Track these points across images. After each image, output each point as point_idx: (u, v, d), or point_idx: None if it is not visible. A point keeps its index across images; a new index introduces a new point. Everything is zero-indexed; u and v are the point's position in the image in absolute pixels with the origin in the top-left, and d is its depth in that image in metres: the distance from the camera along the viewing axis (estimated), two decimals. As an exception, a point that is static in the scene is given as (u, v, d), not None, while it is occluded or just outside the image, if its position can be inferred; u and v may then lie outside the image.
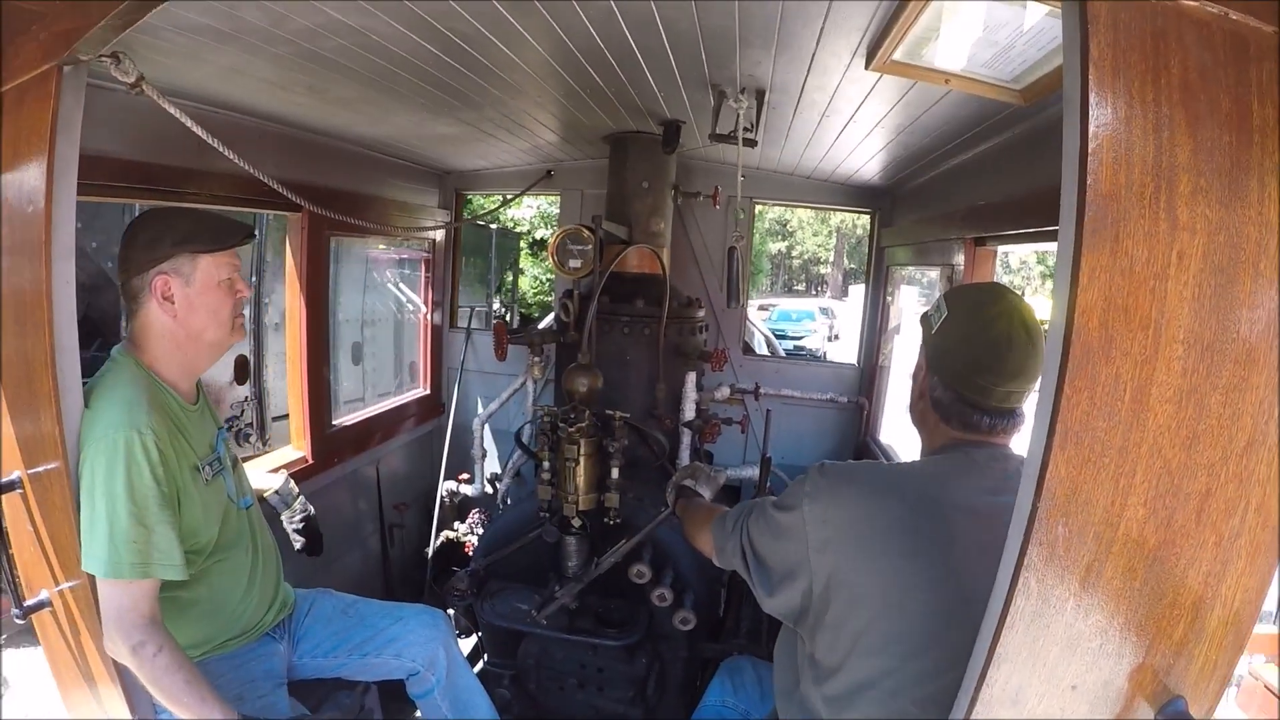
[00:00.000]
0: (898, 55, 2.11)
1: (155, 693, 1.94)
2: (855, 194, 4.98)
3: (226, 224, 2.23)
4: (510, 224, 15.49)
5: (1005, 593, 1.16)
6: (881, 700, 1.66)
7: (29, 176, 1.80)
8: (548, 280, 16.38)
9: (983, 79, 2.18)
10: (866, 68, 2.26)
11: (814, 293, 49.42)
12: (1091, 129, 1.02)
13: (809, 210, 42.92)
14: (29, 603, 2.04)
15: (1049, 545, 1.12)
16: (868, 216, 5.16)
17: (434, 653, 2.75)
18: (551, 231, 15.68)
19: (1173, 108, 1.03)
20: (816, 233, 47.48)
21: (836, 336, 27.70)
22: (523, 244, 16.83)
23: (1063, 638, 1.17)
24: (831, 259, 47.71)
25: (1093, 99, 1.01)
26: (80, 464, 1.90)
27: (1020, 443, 1.58)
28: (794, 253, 49.68)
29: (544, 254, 16.24)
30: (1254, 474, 1.13)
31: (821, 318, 28.46)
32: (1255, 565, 1.18)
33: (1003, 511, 1.52)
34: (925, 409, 1.89)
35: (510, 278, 15.30)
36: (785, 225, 46.41)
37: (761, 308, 29.05)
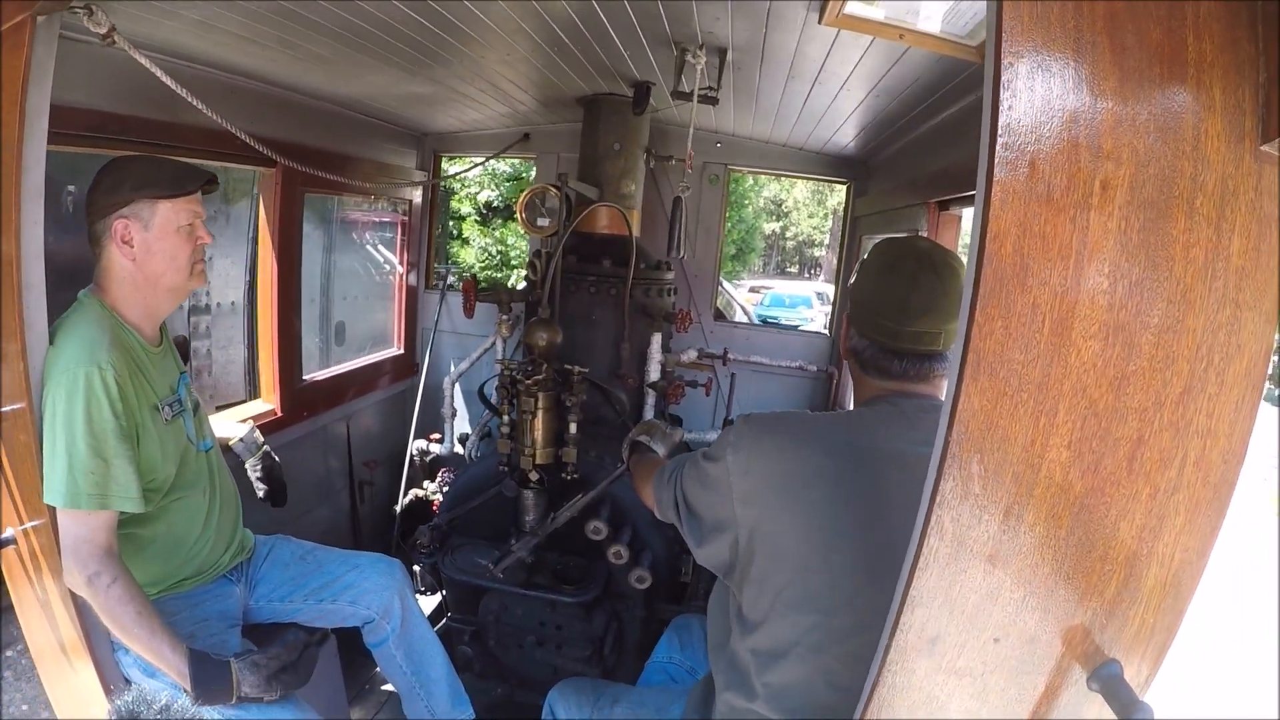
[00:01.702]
0: (849, 9, 2.09)
1: (108, 623, 1.98)
2: (831, 164, 4.96)
3: (187, 170, 2.24)
4: (451, 182, 13.19)
5: (920, 531, 1.12)
6: (804, 656, 1.63)
7: (2, 123, 1.82)
8: (499, 252, 15.20)
9: (937, 34, 2.16)
10: (820, 22, 2.23)
11: (807, 275, 49.20)
12: (1005, 57, 0.98)
13: (805, 191, 42.86)
14: None
15: (963, 482, 1.08)
16: (844, 188, 5.15)
17: (389, 601, 2.76)
18: (500, 194, 14.96)
19: (1096, 34, 0.99)
20: (812, 214, 47.19)
21: (836, 323, 26.19)
22: (462, 206, 15.00)
23: (982, 585, 1.13)
24: (827, 241, 47.41)
25: (1007, 23, 0.98)
26: (43, 399, 1.95)
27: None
28: (788, 234, 49.40)
29: (496, 221, 15.44)
30: (1191, 424, 1.09)
31: (819, 304, 26.22)
32: (1195, 524, 1.14)
33: (923, 456, 1.53)
34: (851, 364, 1.88)
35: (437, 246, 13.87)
36: (780, 205, 46.16)
37: (753, 289, 28.47)
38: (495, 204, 15.53)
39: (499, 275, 14.84)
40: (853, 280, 1.88)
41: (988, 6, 1.03)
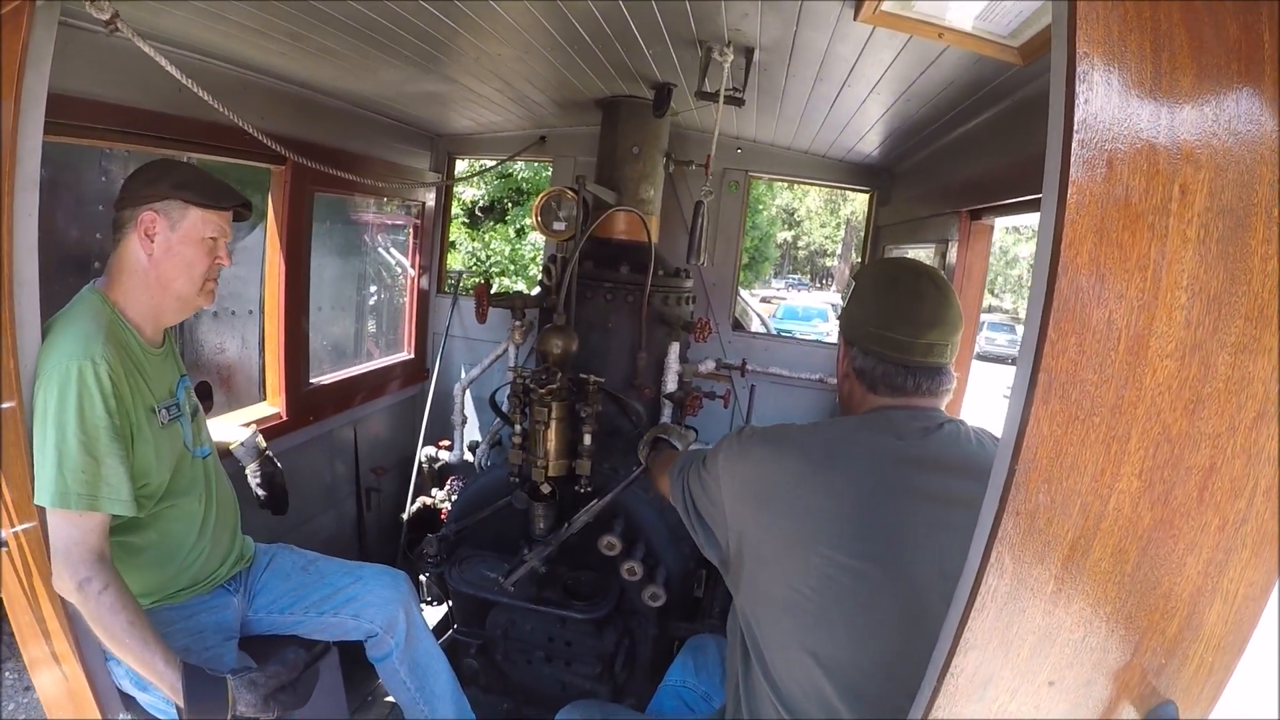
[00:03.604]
0: (886, 5, 2.01)
1: (98, 632, 1.93)
2: (854, 172, 4.87)
3: (225, 187, 2.26)
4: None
5: (975, 570, 1.04)
6: (802, 661, 1.64)
7: None
8: (489, 257, 14.77)
9: (977, 33, 2.08)
10: (855, 19, 2.16)
11: (818, 285, 49.10)
12: (1080, 46, 0.91)
13: (818, 200, 42.80)
14: None
15: (1028, 516, 1.00)
16: (866, 197, 5.06)
17: (393, 615, 2.70)
18: (486, 193, 14.57)
19: (1173, 25, 0.92)
20: (824, 224, 47.02)
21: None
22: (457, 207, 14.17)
23: (1040, 626, 1.06)
24: (839, 251, 47.24)
25: (1081, 10, 0.91)
26: (34, 394, 1.90)
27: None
28: (800, 243, 49.23)
29: (488, 223, 15.18)
30: (1263, 450, 1.01)
31: (835, 316, 26.59)
32: (1261, 556, 1.07)
33: (906, 454, 1.67)
34: (851, 385, 1.90)
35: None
36: (793, 214, 46.02)
37: (765, 300, 28.30)
38: (484, 203, 15.32)
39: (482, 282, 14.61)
40: (848, 302, 1.91)
41: None
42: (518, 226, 15.02)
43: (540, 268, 4.13)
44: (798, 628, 1.65)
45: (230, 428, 2.99)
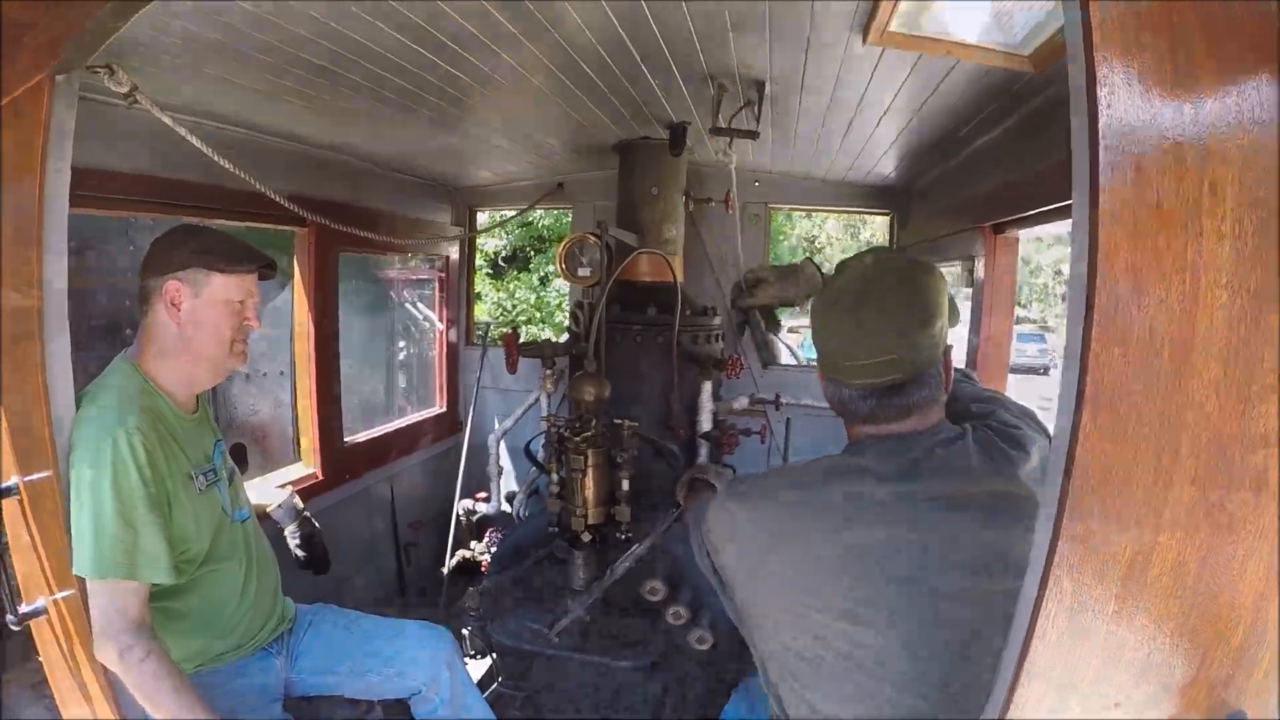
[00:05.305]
0: (894, 26, 2.00)
1: (142, 700, 1.91)
2: (873, 195, 4.85)
3: (247, 250, 2.26)
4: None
5: (1034, 597, 1.00)
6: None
7: (23, 184, 1.82)
8: (515, 306, 14.89)
9: (987, 45, 2.06)
10: (864, 43, 2.15)
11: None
12: (1098, 51, 0.89)
13: (837, 225, 42.72)
14: (25, 610, 1.99)
15: (1084, 538, 0.97)
16: (886, 220, 5.04)
17: (437, 671, 2.66)
18: (508, 243, 14.67)
19: (1187, 23, 0.90)
20: (846, 249, 46.84)
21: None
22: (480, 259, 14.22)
23: (1104, 647, 1.02)
24: (861, 276, 46.62)
25: (1095, 11, 0.89)
26: (70, 466, 1.89)
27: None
28: (824, 270, 48.84)
29: (512, 272, 15.26)
30: None
31: None
32: None
33: (889, 498, 1.53)
34: (835, 411, 1.74)
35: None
36: (813, 241, 45.95)
37: (791, 330, 28.24)
38: (506, 253, 15.41)
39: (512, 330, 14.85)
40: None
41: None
42: (541, 274, 15.11)
43: (567, 314, 4.13)
44: (802, 688, 1.59)
45: (267, 489, 3.01)
